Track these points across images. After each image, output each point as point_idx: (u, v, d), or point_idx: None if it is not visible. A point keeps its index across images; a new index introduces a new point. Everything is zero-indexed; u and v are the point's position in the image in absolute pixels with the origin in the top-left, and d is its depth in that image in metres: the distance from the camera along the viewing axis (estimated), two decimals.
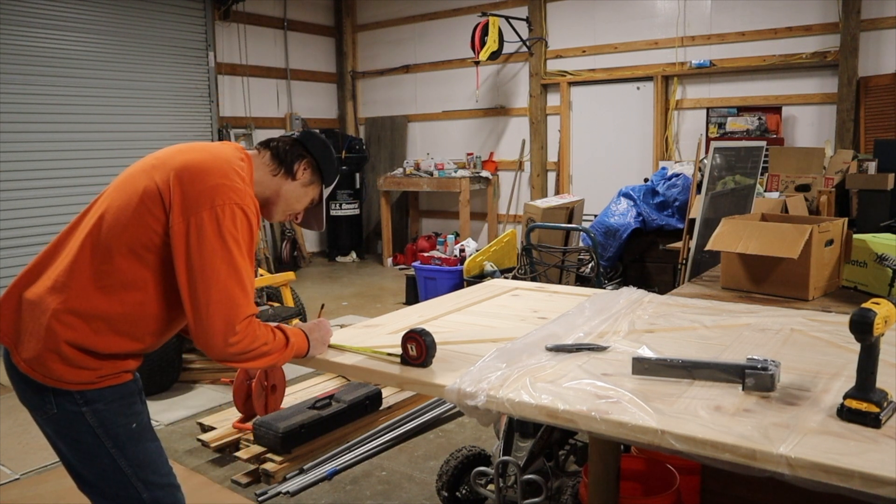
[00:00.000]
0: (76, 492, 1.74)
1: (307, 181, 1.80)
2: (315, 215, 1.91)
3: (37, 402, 1.61)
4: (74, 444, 1.63)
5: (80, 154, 6.62)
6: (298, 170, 1.78)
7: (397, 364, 1.69)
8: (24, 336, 1.58)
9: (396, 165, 8.66)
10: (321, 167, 1.82)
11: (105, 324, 1.57)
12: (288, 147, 1.78)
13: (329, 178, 1.86)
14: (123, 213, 1.57)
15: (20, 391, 1.65)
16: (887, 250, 2.33)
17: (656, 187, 5.91)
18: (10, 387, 1.69)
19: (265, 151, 1.78)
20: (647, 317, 2.03)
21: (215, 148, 1.68)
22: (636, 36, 6.98)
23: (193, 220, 1.53)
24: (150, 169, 1.62)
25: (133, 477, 1.65)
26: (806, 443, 1.17)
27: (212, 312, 1.52)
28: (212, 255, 1.52)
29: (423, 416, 3.68)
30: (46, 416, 1.61)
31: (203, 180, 1.56)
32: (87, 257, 1.57)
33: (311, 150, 1.80)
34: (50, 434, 1.67)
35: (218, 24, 7.83)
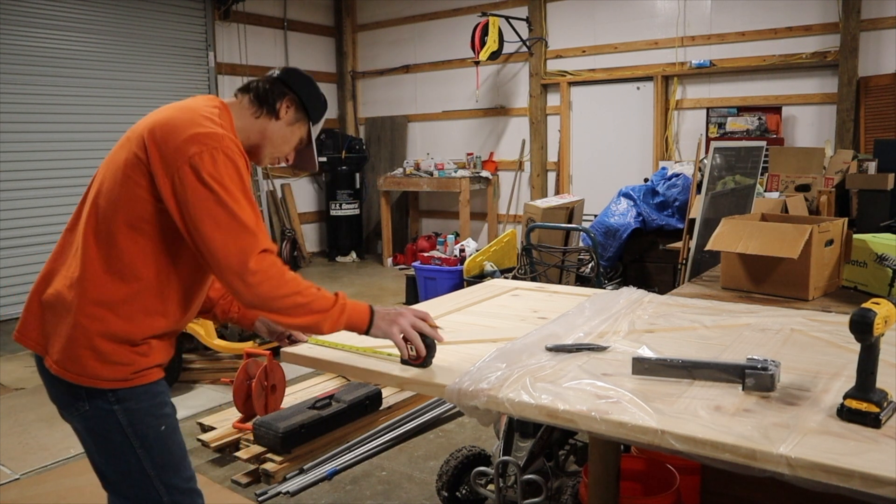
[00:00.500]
0: (76, 492, 1.75)
1: (292, 119, 1.73)
2: (307, 156, 1.85)
3: (69, 400, 1.61)
4: (102, 442, 1.63)
5: (80, 154, 6.62)
6: (281, 108, 1.71)
7: (397, 364, 1.69)
8: (53, 339, 1.58)
9: (396, 165, 8.66)
10: (306, 104, 1.74)
11: (130, 306, 1.56)
12: (268, 86, 1.71)
13: (316, 115, 1.78)
14: (112, 192, 1.56)
15: (52, 391, 1.65)
16: (887, 250, 2.33)
17: (656, 187, 5.91)
18: (10, 387, 1.69)
19: (244, 96, 1.72)
20: (647, 317, 2.03)
21: (183, 103, 1.64)
22: (636, 36, 6.98)
23: (176, 177, 1.49)
24: (125, 142, 1.60)
25: (156, 479, 1.64)
26: (806, 443, 1.17)
27: (221, 258, 1.49)
28: (204, 204, 1.48)
29: (423, 416, 3.68)
30: (78, 413, 1.61)
31: (175, 135, 1.51)
32: (93, 246, 1.56)
33: (293, 87, 1.73)
34: (79, 430, 1.67)
35: (218, 24, 7.83)
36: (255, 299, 1.51)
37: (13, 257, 6.25)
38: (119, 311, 1.56)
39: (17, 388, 4.35)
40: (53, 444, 3.54)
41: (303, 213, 8.91)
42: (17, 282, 6.25)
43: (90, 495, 3.00)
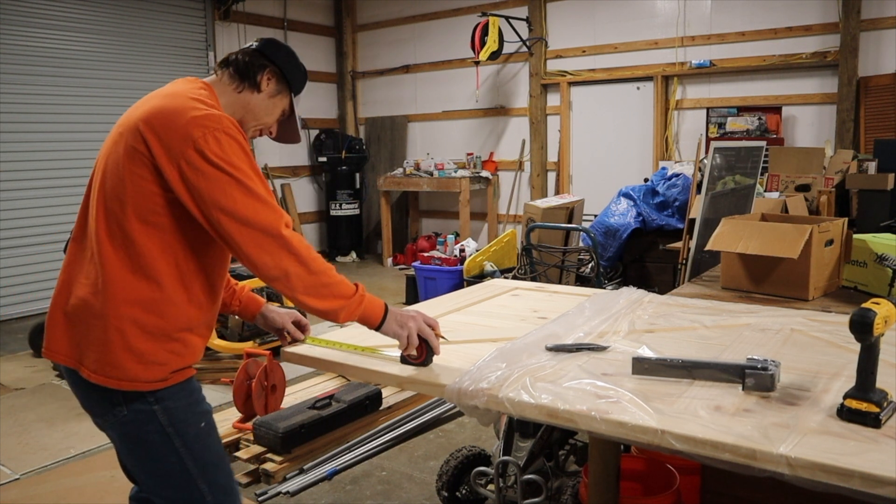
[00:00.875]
0: (76, 492, 1.74)
1: (273, 91, 1.71)
2: (290, 128, 1.82)
3: (105, 406, 1.58)
4: (141, 446, 1.60)
5: (80, 154, 6.62)
6: (262, 80, 1.69)
7: (396, 363, 1.69)
8: (88, 348, 1.55)
9: (396, 165, 8.66)
10: (287, 75, 1.73)
11: (159, 301, 1.54)
12: (248, 59, 1.69)
13: (297, 86, 1.76)
14: (118, 190, 1.53)
15: (87, 401, 1.63)
16: (887, 250, 2.33)
17: (656, 187, 5.91)
18: (10, 387, 1.69)
19: (224, 71, 1.70)
20: (647, 317, 2.03)
21: (168, 89, 1.62)
22: (636, 36, 6.98)
23: (184, 163, 1.48)
24: (118, 137, 1.57)
25: (199, 479, 1.62)
26: (806, 443, 1.17)
27: (248, 241, 1.48)
28: (218, 186, 1.47)
29: (423, 416, 3.68)
30: (115, 419, 1.58)
31: (173, 122, 1.49)
32: (110, 248, 1.53)
33: (273, 59, 1.71)
34: (117, 436, 1.64)
35: (218, 24, 7.83)
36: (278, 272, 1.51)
37: (13, 257, 6.25)
38: (150, 308, 1.54)
39: (17, 388, 4.35)
40: (53, 444, 3.54)
41: (303, 213, 8.91)
42: (17, 282, 6.25)
43: (90, 495, 3.01)
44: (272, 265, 1.50)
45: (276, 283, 1.53)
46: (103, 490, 3.04)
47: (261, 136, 1.80)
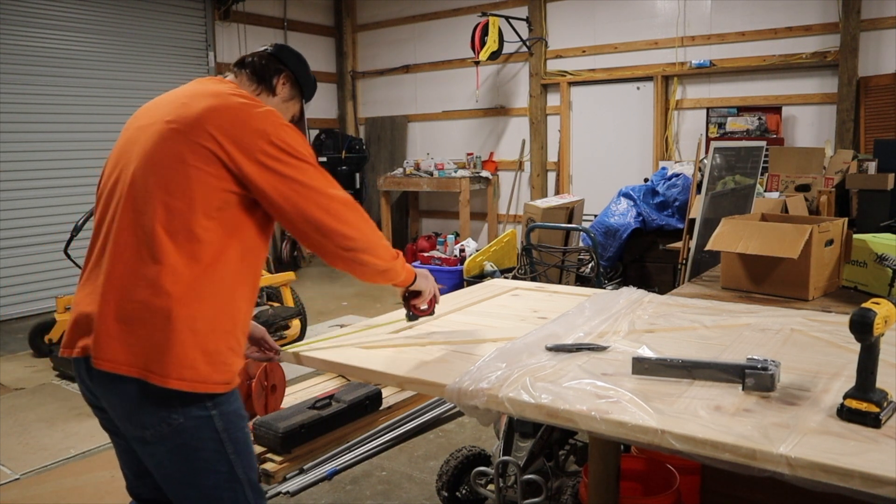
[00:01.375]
0: (76, 492, 1.73)
1: (287, 96, 1.77)
2: None
3: (159, 416, 1.49)
4: (192, 456, 1.53)
5: (80, 154, 6.62)
6: (278, 85, 1.74)
7: (397, 364, 1.69)
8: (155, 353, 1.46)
9: (396, 165, 8.66)
10: (300, 80, 1.78)
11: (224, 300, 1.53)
12: (264, 62, 1.74)
13: (309, 92, 1.82)
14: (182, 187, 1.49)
15: (135, 412, 1.51)
16: (887, 250, 2.33)
17: (656, 187, 5.91)
18: (10, 387, 1.66)
19: (242, 72, 1.74)
20: (647, 317, 2.03)
21: (206, 88, 1.63)
22: (636, 36, 6.98)
23: (262, 157, 1.51)
24: (167, 134, 1.53)
25: (246, 484, 1.59)
26: (806, 443, 1.17)
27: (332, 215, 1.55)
28: (299, 172, 1.54)
29: (423, 416, 3.68)
30: (170, 428, 1.50)
31: (240, 120, 1.53)
32: (172, 247, 1.48)
33: (287, 64, 1.76)
34: (163, 451, 1.53)
35: (218, 24, 7.83)
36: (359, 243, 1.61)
37: (13, 257, 6.25)
38: (215, 305, 1.51)
39: (17, 388, 4.35)
40: (53, 444, 3.54)
41: None
42: (17, 282, 6.25)
43: (90, 495, 3.01)
44: (353, 233, 1.58)
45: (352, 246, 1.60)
46: (103, 490, 3.04)
47: None
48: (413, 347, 1.83)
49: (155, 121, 1.58)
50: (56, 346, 4.77)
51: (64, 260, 4.69)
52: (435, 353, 1.77)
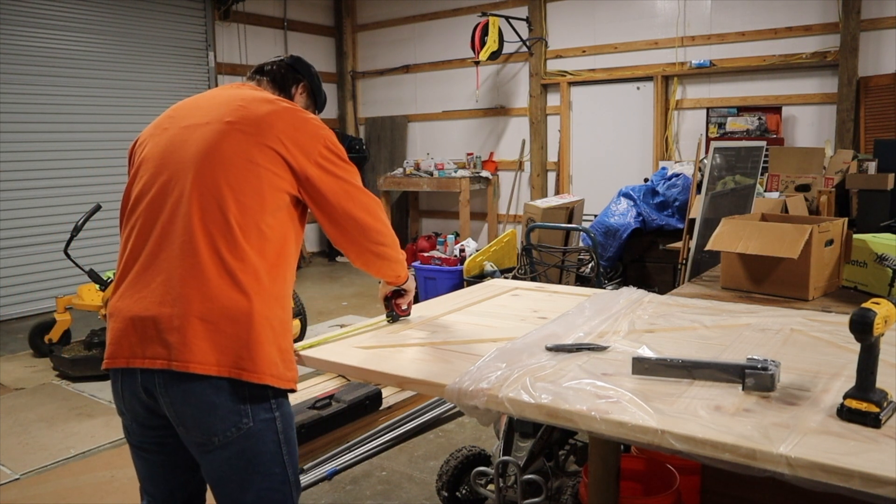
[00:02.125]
0: (76, 492, 1.73)
1: (303, 105, 1.82)
2: None
3: (232, 419, 1.49)
4: (254, 460, 1.53)
5: (80, 154, 6.63)
6: (296, 94, 1.80)
7: (397, 364, 1.69)
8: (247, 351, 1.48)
9: (396, 165, 8.66)
10: (314, 90, 1.85)
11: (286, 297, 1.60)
12: (283, 71, 1.80)
13: (322, 102, 1.88)
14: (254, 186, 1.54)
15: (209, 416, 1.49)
16: (887, 250, 2.33)
17: (656, 187, 5.91)
18: (10, 387, 1.65)
19: (263, 79, 1.80)
20: (647, 317, 2.03)
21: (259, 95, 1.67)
22: (636, 36, 6.98)
23: (322, 161, 1.61)
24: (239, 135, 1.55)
25: (294, 485, 1.62)
26: (806, 443, 1.17)
27: (369, 213, 1.67)
28: (349, 174, 1.65)
29: (423, 416, 3.68)
30: (240, 433, 1.50)
31: (299, 126, 1.61)
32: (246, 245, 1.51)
33: (303, 74, 1.83)
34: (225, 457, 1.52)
35: (218, 24, 7.83)
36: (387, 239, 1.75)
37: (13, 257, 6.25)
38: (283, 303, 1.59)
39: (17, 388, 4.35)
40: (53, 444, 3.54)
41: None
42: (17, 282, 6.26)
43: (90, 495, 3.01)
44: (384, 229, 1.72)
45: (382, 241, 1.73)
46: (103, 490, 3.04)
47: None
48: (413, 347, 1.83)
49: (211, 120, 1.59)
50: (56, 346, 4.77)
51: (64, 260, 4.69)
52: (435, 353, 1.77)
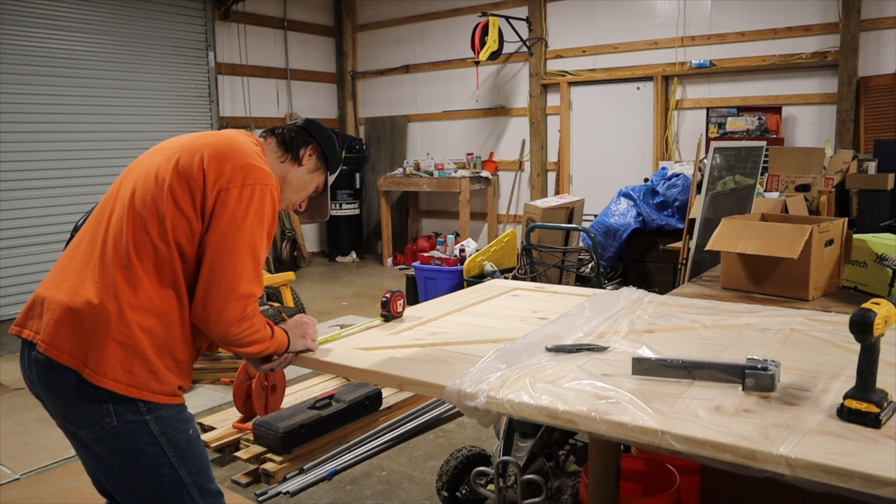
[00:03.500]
0: (76, 492, 1.74)
1: (313, 167, 1.83)
2: (319, 205, 1.93)
3: (93, 416, 1.54)
4: (131, 458, 1.57)
5: (80, 154, 6.62)
6: (304, 156, 1.81)
7: (397, 364, 1.69)
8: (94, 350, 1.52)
9: (396, 165, 8.66)
10: (325, 153, 1.85)
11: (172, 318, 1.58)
12: (294, 133, 1.82)
13: (333, 165, 1.88)
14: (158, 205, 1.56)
15: (72, 408, 1.57)
16: (887, 250, 2.33)
17: (656, 187, 5.91)
18: (10, 387, 1.68)
19: (271, 138, 1.81)
20: (647, 317, 2.03)
21: (230, 133, 1.71)
22: (636, 36, 6.98)
23: (224, 196, 1.56)
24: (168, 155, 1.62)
25: (191, 486, 1.63)
26: (806, 443, 1.17)
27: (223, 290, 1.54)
28: (234, 234, 1.55)
29: (423, 416, 3.68)
30: (104, 430, 1.55)
31: (234, 159, 1.59)
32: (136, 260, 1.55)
33: (315, 137, 1.84)
34: (101, 452, 1.60)
35: (218, 24, 7.83)
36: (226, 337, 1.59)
37: (13, 257, 6.25)
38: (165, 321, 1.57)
39: (16, 388, 4.35)
40: (53, 444, 3.54)
41: None
42: (17, 282, 6.25)
43: (90, 495, 2.99)
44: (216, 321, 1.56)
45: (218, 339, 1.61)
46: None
47: (291, 209, 1.89)
48: (413, 348, 1.83)
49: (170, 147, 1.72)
50: None
51: None
52: (435, 353, 1.77)
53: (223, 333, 1.57)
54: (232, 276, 1.55)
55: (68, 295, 1.56)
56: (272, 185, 1.62)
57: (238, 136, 1.71)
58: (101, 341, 1.52)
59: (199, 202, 1.57)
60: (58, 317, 1.55)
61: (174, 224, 1.56)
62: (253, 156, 1.64)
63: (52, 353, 1.54)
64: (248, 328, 1.59)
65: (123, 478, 1.61)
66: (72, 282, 1.58)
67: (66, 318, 1.54)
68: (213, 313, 1.55)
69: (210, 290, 1.55)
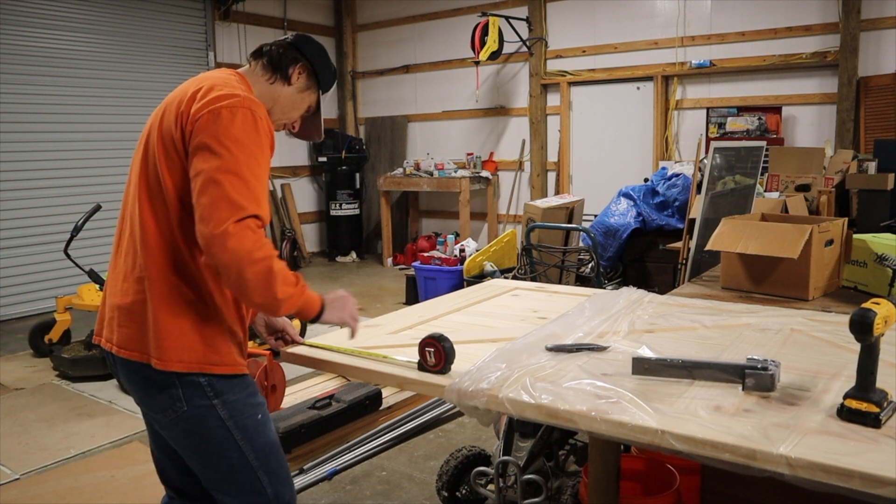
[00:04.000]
0: (76, 492, 1.75)
1: (303, 86, 1.76)
2: (313, 124, 1.87)
3: (165, 402, 1.59)
4: (203, 442, 1.62)
5: (80, 154, 6.62)
6: (293, 74, 1.73)
7: (397, 364, 1.69)
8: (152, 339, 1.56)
9: (396, 165, 8.66)
10: (317, 72, 1.77)
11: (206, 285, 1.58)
12: (282, 51, 1.73)
13: (326, 84, 1.80)
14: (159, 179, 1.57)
15: (145, 394, 1.63)
16: (887, 250, 2.33)
17: (656, 187, 5.91)
18: (10, 387, 1.70)
19: (257, 62, 1.74)
20: (647, 317, 2.03)
21: (204, 75, 1.67)
22: (636, 36, 6.98)
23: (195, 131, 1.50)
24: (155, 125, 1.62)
25: (259, 469, 1.65)
26: (806, 443, 1.17)
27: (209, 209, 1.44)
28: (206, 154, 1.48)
29: (423, 416, 3.68)
30: (176, 415, 1.60)
31: (205, 97, 1.54)
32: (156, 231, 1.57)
33: (305, 54, 1.75)
34: (175, 435, 1.66)
35: (218, 24, 7.83)
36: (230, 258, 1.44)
37: (13, 257, 6.25)
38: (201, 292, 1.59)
39: (17, 388, 4.35)
40: (53, 444, 3.54)
41: (303, 213, 8.91)
42: (17, 282, 6.25)
43: (90, 495, 3.01)
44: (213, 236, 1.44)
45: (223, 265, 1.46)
46: (103, 490, 3.04)
47: (283, 129, 1.83)
48: (413, 348, 1.83)
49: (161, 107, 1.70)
50: (56, 346, 4.77)
51: (64, 260, 4.69)
52: None
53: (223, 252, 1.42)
54: (214, 193, 1.44)
55: (117, 295, 1.63)
56: (245, 105, 1.53)
57: (212, 74, 1.67)
58: (154, 328, 1.56)
59: (183, 155, 1.54)
60: (117, 319, 1.62)
61: (180, 190, 1.54)
62: (222, 86, 1.57)
63: (123, 353, 1.61)
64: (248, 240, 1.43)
65: (198, 460, 1.67)
66: (118, 280, 1.64)
67: (122, 318, 1.61)
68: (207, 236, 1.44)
69: (200, 218, 1.45)
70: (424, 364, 1.63)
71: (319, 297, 1.66)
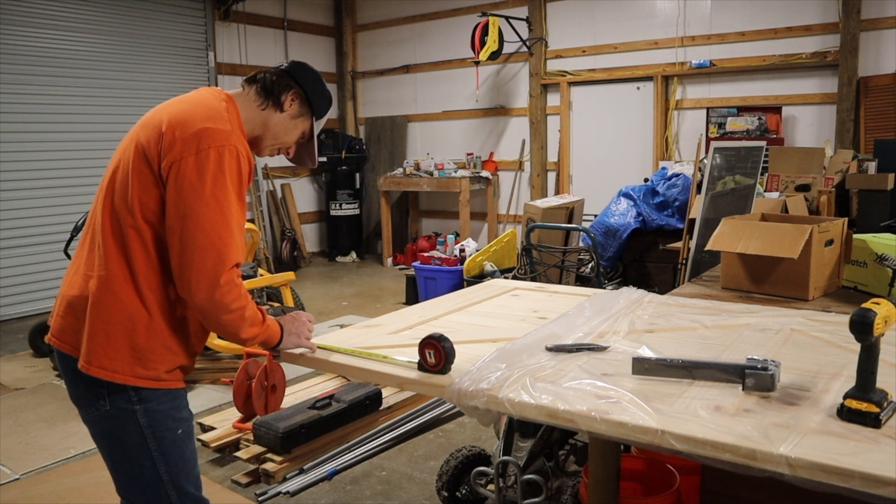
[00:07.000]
0: (76, 492, 1.76)
1: (296, 113, 1.75)
2: (307, 150, 1.87)
3: (90, 399, 1.62)
4: (118, 443, 1.64)
5: (80, 154, 6.62)
6: (286, 101, 1.73)
7: (397, 365, 1.69)
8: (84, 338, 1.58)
9: (396, 165, 8.66)
10: (311, 99, 1.77)
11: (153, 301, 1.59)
12: (275, 78, 1.74)
13: (319, 111, 1.80)
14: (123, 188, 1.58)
15: (74, 389, 1.66)
16: (887, 250, 2.33)
17: (656, 187, 5.91)
18: (10, 387, 1.71)
19: (250, 87, 1.74)
20: (647, 317, 2.03)
21: (193, 97, 1.66)
22: (636, 36, 6.98)
23: (177, 168, 1.51)
24: (133, 136, 1.63)
25: (169, 484, 1.65)
26: (806, 443, 1.17)
27: (196, 260, 1.51)
28: (196, 202, 1.51)
29: (423, 416, 3.68)
30: (98, 413, 1.62)
31: (186, 128, 1.54)
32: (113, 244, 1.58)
33: (299, 82, 1.75)
34: (95, 433, 1.68)
35: (218, 24, 7.83)
36: (208, 306, 1.54)
37: (13, 257, 6.25)
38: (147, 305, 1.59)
39: (17, 388, 4.35)
40: (53, 444, 3.54)
41: (303, 213, 8.91)
42: (17, 282, 6.25)
43: (90, 495, 3.01)
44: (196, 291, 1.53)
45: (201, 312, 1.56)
46: (103, 490, 3.04)
47: (278, 154, 1.83)
48: (413, 348, 1.83)
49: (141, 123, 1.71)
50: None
51: (64, 260, 4.69)
52: None
53: (205, 301, 1.52)
54: (203, 244, 1.50)
55: (67, 287, 1.66)
56: (231, 143, 1.55)
57: (200, 98, 1.65)
58: (87, 329, 1.57)
59: (157, 177, 1.55)
60: (62, 310, 1.65)
61: (143, 204, 1.55)
62: (211, 118, 1.57)
63: (58, 345, 1.65)
64: (231, 294, 1.54)
65: (111, 462, 1.69)
66: (71, 275, 1.67)
67: (65, 309, 1.64)
68: (192, 284, 1.51)
69: (184, 262, 1.51)
70: (424, 364, 1.63)
71: (279, 329, 1.74)
